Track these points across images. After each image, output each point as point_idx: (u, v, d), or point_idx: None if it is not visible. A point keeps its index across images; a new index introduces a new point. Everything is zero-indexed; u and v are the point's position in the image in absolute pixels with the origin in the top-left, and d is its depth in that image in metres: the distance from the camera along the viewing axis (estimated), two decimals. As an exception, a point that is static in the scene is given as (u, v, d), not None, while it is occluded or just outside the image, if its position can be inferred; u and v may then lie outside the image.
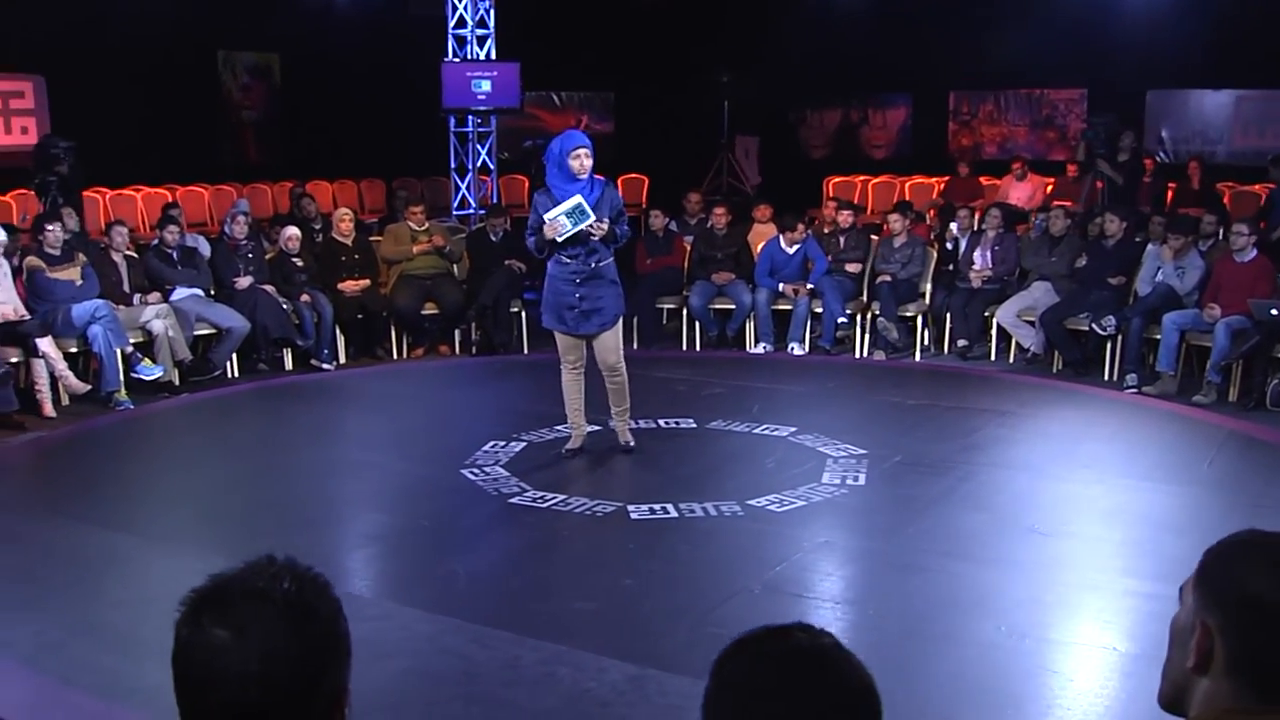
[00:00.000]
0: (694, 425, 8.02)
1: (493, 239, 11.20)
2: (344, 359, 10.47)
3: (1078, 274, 10.01)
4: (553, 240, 6.80)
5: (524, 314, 10.92)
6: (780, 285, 10.69)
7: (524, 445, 7.52)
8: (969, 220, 11.11)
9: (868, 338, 10.64)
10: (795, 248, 10.78)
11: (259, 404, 9.13)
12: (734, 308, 10.87)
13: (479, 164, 14.94)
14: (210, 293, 9.95)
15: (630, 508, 6.26)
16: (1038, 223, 10.97)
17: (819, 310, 10.62)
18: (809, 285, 10.64)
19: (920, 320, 10.62)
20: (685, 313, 11.05)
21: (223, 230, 10.68)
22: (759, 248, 11.06)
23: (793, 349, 10.61)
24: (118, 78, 12.70)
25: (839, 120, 18.13)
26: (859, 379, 9.73)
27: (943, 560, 5.58)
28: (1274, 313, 8.43)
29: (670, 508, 6.25)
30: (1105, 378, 9.51)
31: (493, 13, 14.53)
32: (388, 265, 10.92)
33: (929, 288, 10.71)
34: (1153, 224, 10.17)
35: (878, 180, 15.90)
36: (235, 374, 9.82)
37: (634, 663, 4.41)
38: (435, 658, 4.61)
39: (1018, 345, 10.23)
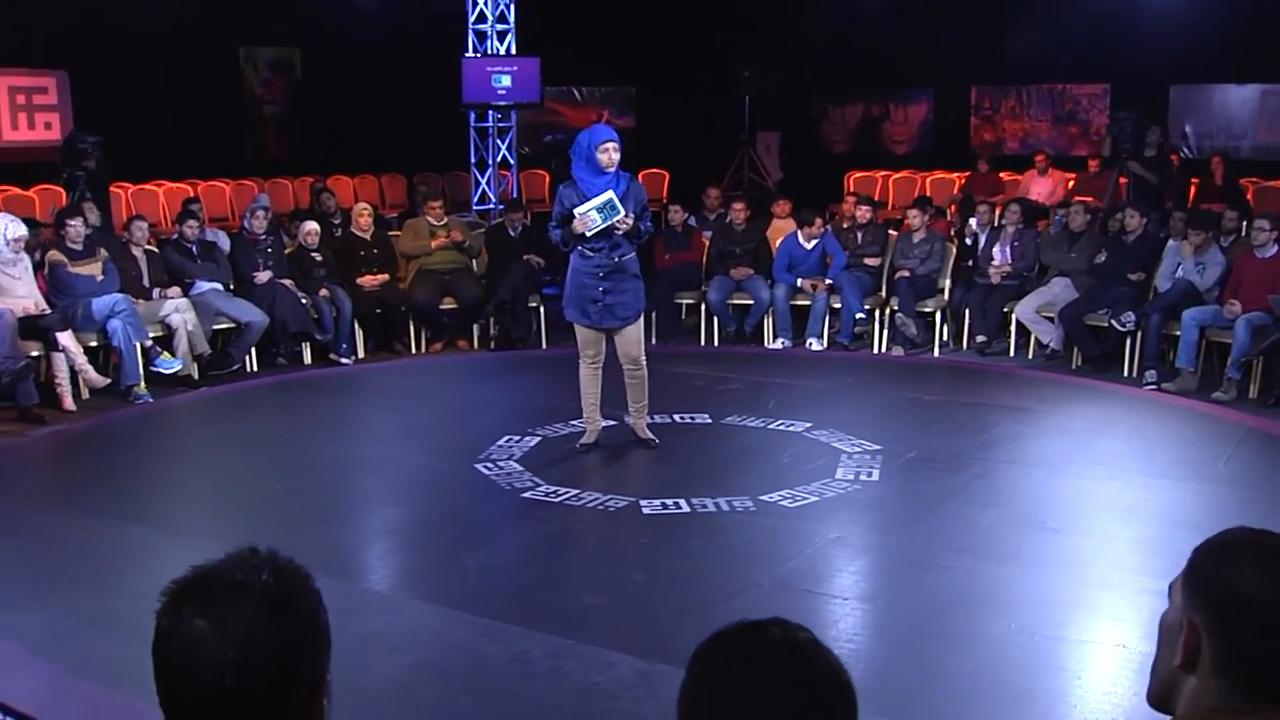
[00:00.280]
0: (709, 420, 8.02)
1: (511, 234, 11.21)
2: (362, 353, 10.50)
3: (1097, 270, 9.95)
4: (580, 234, 6.80)
5: (542, 309, 10.93)
6: (798, 281, 10.67)
7: (539, 440, 7.53)
8: (989, 216, 11.06)
9: (886, 333, 10.61)
10: (813, 243, 10.76)
11: (277, 398, 9.17)
12: (752, 303, 10.86)
13: (499, 159, 14.96)
14: (229, 287, 10.01)
15: (642, 502, 6.27)
16: (1057, 219, 10.91)
17: (837, 306, 10.60)
18: (827, 281, 10.61)
19: (939, 316, 10.58)
20: (703, 308, 11.04)
21: (242, 225, 10.73)
22: (778, 243, 11.04)
23: (811, 344, 10.59)
24: (140, 73, 12.78)
25: (860, 115, 18.06)
26: (876, 374, 9.70)
27: (955, 557, 5.57)
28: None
29: (683, 503, 6.25)
30: (1124, 374, 9.45)
31: (513, 8, 14.54)
32: (406, 260, 10.95)
33: (948, 283, 10.67)
34: (1174, 219, 10.10)
35: (898, 175, 15.86)
36: (254, 368, 9.86)
37: (642, 657, 4.41)
38: (444, 651, 4.63)
39: (1037, 341, 10.18)
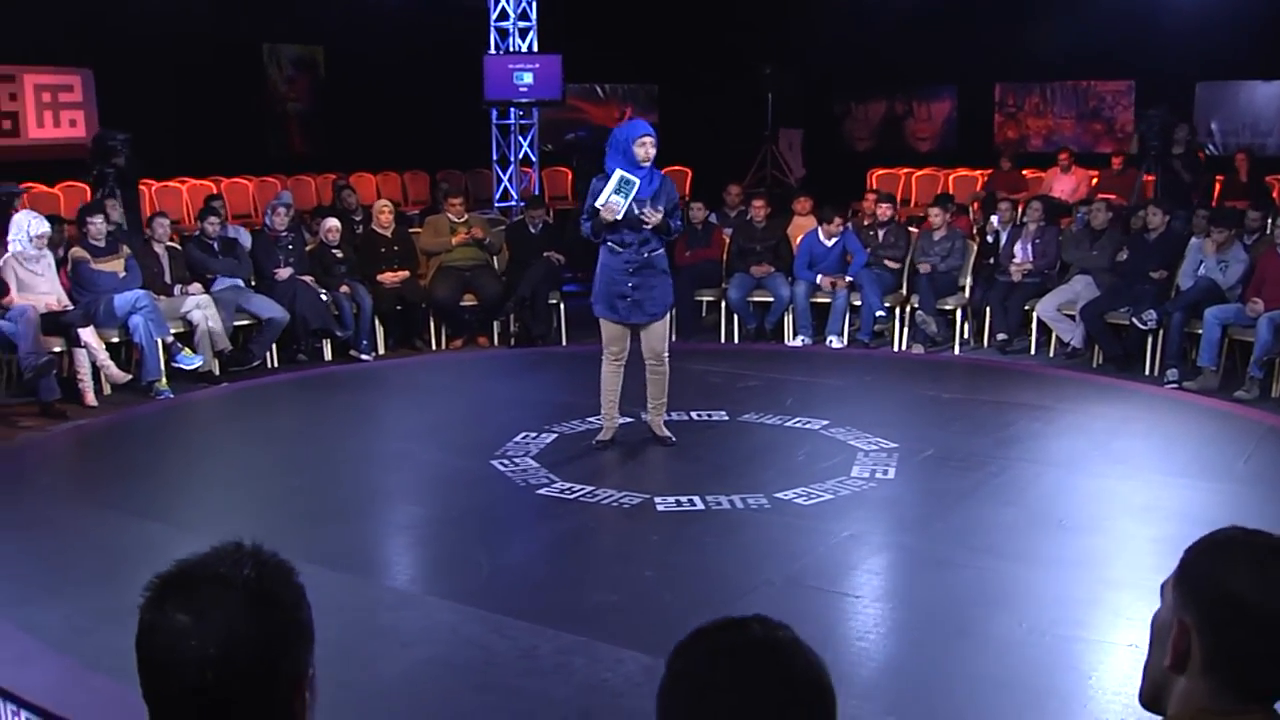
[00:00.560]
0: (726, 417, 8.01)
1: (532, 231, 11.23)
2: (383, 350, 10.54)
3: (1119, 268, 9.90)
4: (610, 223, 6.81)
5: (562, 306, 10.95)
6: (818, 278, 10.65)
7: (555, 437, 7.54)
8: (1010, 213, 11.01)
9: (906, 331, 10.58)
10: (834, 240, 10.73)
11: (297, 394, 9.21)
12: (772, 300, 10.84)
13: (521, 156, 14.99)
14: (251, 283, 10.06)
15: (657, 500, 6.27)
16: (1079, 216, 10.86)
17: (858, 303, 10.57)
18: (847, 278, 10.59)
19: (960, 314, 10.54)
20: (724, 305, 11.04)
21: (264, 222, 10.79)
22: (798, 240, 11.02)
23: (831, 342, 10.57)
24: (165, 71, 12.85)
25: (883, 112, 18.01)
26: (896, 373, 9.67)
27: (968, 555, 5.54)
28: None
29: (697, 500, 6.25)
30: (1146, 373, 9.39)
31: (535, 5, 14.56)
32: (427, 257, 10.99)
33: (969, 281, 10.63)
34: (1196, 217, 10.03)
35: (921, 173, 15.81)
36: (275, 364, 9.91)
37: (651, 654, 4.40)
38: (455, 647, 4.64)
39: (1058, 339, 10.14)
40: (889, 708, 4.24)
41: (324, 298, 10.08)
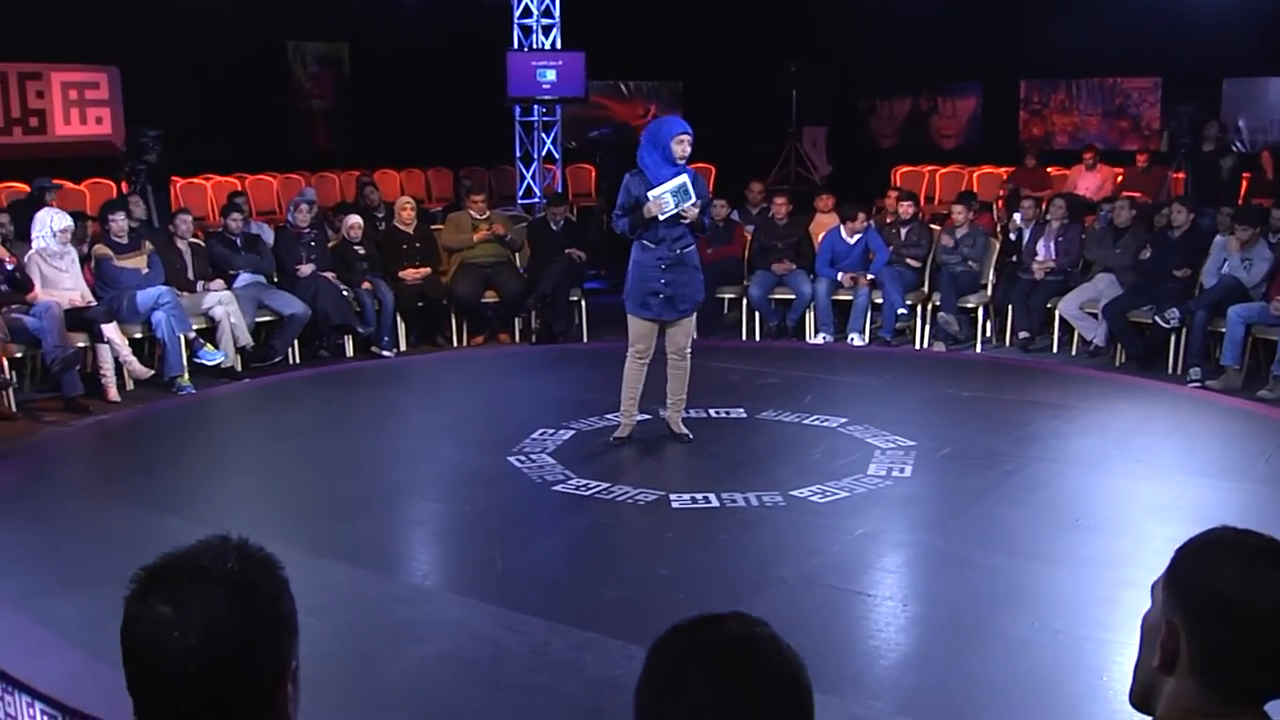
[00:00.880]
0: (744, 415, 8.00)
1: (553, 228, 11.24)
2: (404, 346, 10.59)
3: (1142, 266, 9.84)
4: (652, 219, 6.81)
5: (583, 302, 10.96)
6: (839, 275, 10.62)
7: (573, 433, 7.55)
8: (1033, 211, 10.96)
9: (928, 329, 10.54)
10: (856, 238, 10.70)
11: (318, 390, 9.25)
12: (794, 298, 10.82)
13: (544, 153, 15.02)
14: (273, 279, 10.11)
15: (672, 497, 6.27)
16: (1103, 214, 10.79)
17: (879, 301, 10.55)
18: (869, 276, 10.56)
19: (981, 312, 10.49)
20: (745, 303, 11.03)
21: (287, 218, 10.84)
22: (820, 238, 11.00)
23: (852, 340, 10.55)
24: (190, 69, 12.92)
25: (908, 109, 17.93)
26: (917, 370, 9.64)
27: (983, 554, 5.52)
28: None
29: (712, 497, 6.25)
30: (1169, 371, 9.33)
31: (558, 2, 14.58)
32: (448, 253, 11.01)
33: (991, 278, 10.58)
34: (1221, 215, 9.96)
35: (945, 170, 15.74)
36: (296, 360, 9.96)
37: (661, 651, 4.40)
38: (466, 642, 4.66)
39: (1080, 338, 10.09)
40: (901, 706, 4.23)
41: (346, 294, 10.12)
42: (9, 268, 8.54)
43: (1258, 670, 1.63)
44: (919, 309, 10.55)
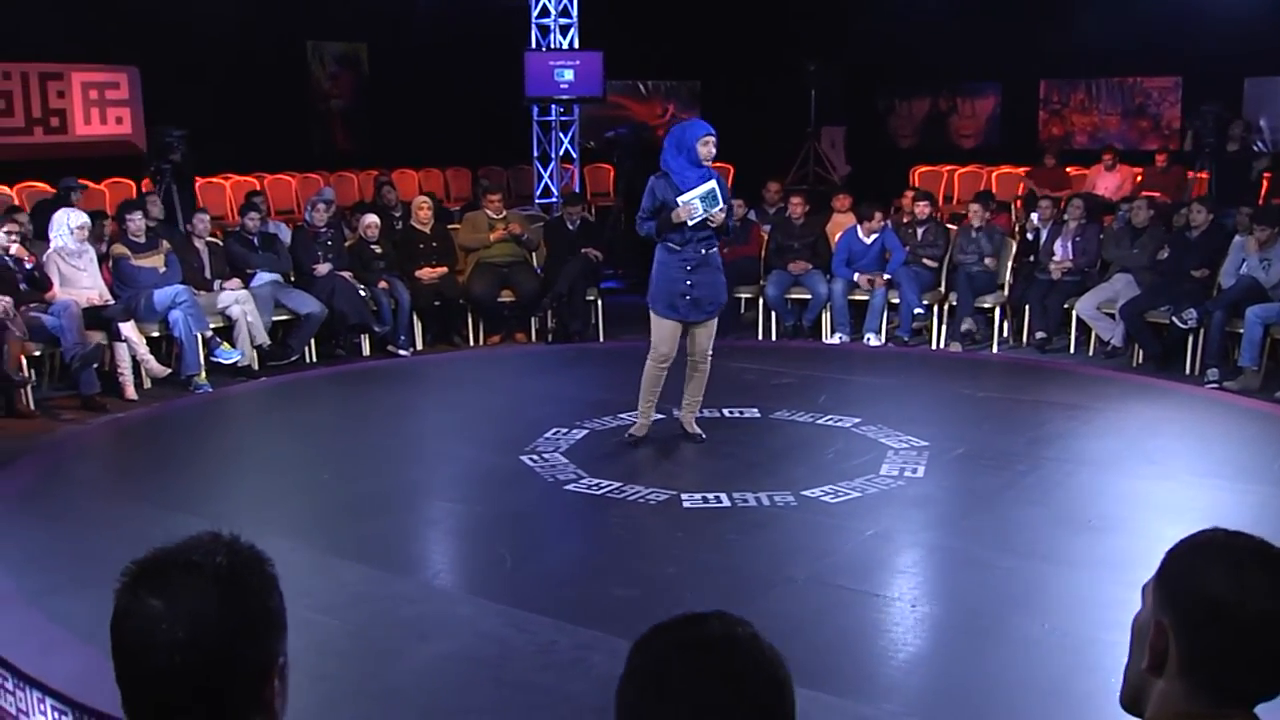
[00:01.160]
0: (758, 415, 7.99)
1: (569, 227, 11.26)
2: (421, 345, 10.62)
3: (1160, 266, 9.79)
4: (681, 224, 6.82)
5: (599, 302, 10.98)
6: (855, 276, 10.61)
7: (586, 433, 7.56)
8: (1051, 211, 10.93)
9: (944, 329, 10.52)
10: (873, 238, 10.68)
11: (335, 389, 9.27)
12: (810, 298, 10.81)
13: (561, 153, 15.04)
14: (290, 279, 10.15)
15: (684, 496, 6.27)
16: (1121, 214, 10.75)
17: (896, 301, 10.53)
18: (885, 276, 10.54)
19: (998, 312, 10.46)
20: (761, 302, 11.02)
21: (304, 217, 10.89)
22: (836, 238, 10.98)
23: (869, 340, 10.53)
24: (210, 69, 12.98)
25: (927, 109, 17.88)
26: (933, 371, 9.62)
27: (994, 555, 5.51)
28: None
29: (724, 497, 6.25)
30: (1186, 372, 9.29)
31: (576, 2, 14.60)
32: (465, 253, 11.04)
33: (1008, 278, 10.55)
34: (1240, 214, 9.90)
35: (964, 170, 15.69)
36: (313, 359, 10.00)
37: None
38: (474, 641, 4.67)
39: (1098, 338, 10.05)
40: (909, 706, 4.22)
41: (363, 293, 10.16)
42: (28, 266, 8.60)
43: (1246, 672, 1.63)
44: (935, 309, 10.53)
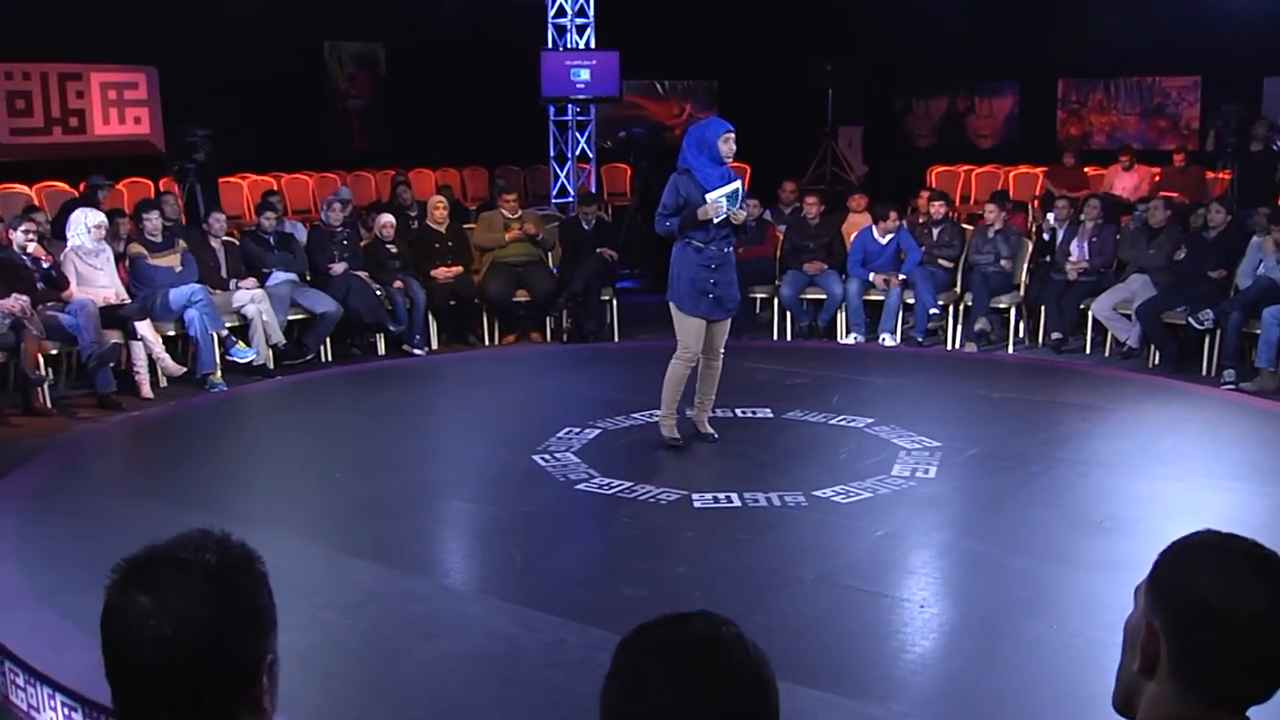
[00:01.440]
0: (771, 415, 7.98)
1: (585, 227, 11.27)
2: (436, 345, 10.65)
3: (1176, 266, 9.75)
4: (705, 221, 6.82)
5: (614, 302, 10.99)
6: (870, 276, 10.59)
7: (599, 432, 7.55)
8: (1067, 211, 10.89)
9: (959, 329, 10.49)
10: (888, 237, 10.66)
11: (349, 388, 9.29)
12: (825, 298, 10.79)
13: (578, 153, 15.05)
14: (306, 278, 10.19)
15: (694, 496, 6.27)
16: (1137, 214, 10.71)
17: (911, 301, 10.50)
18: (900, 276, 10.52)
19: (1014, 312, 10.43)
20: (777, 302, 11.01)
21: (320, 216, 10.94)
22: (852, 238, 10.97)
23: (884, 340, 10.51)
24: (228, 69, 13.03)
25: (945, 109, 17.85)
26: (948, 371, 9.59)
27: (1004, 555, 5.50)
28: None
29: (734, 497, 6.24)
30: (1203, 373, 9.25)
31: (592, 2, 14.62)
32: (480, 252, 11.06)
33: (1024, 278, 10.52)
34: (1257, 215, 9.86)
35: (981, 170, 15.65)
36: (328, 358, 10.04)
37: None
38: (482, 640, 4.68)
39: (1114, 339, 10.01)
40: (917, 707, 4.22)
41: (378, 293, 10.19)
42: (45, 265, 8.65)
43: (1238, 675, 1.62)
44: (950, 309, 10.51)
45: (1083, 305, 10.18)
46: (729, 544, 5.68)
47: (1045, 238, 10.77)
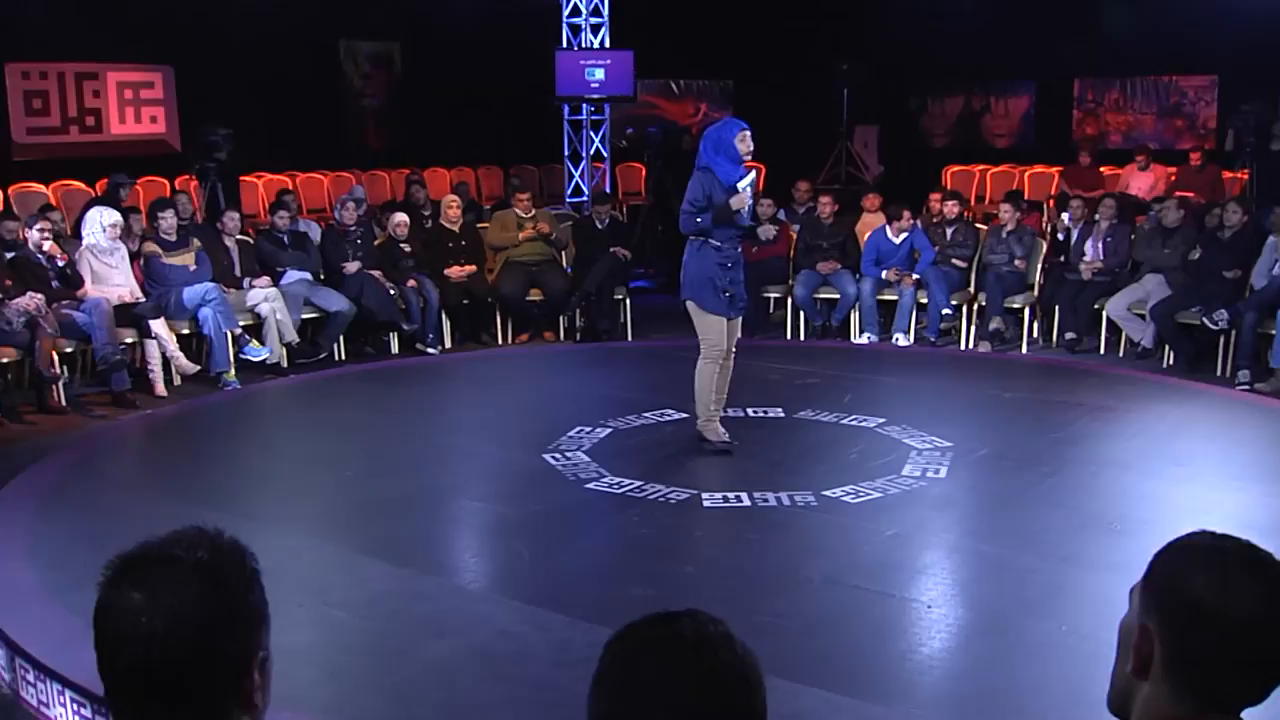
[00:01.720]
0: (782, 415, 7.97)
1: (598, 226, 11.29)
2: (449, 344, 10.66)
3: (1191, 266, 9.71)
4: (734, 214, 6.85)
5: (628, 301, 10.99)
6: (883, 272, 10.56)
7: (610, 432, 7.55)
8: (1082, 210, 10.85)
9: (973, 329, 10.47)
10: (902, 237, 10.65)
11: (362, 386, 9.30)
12: (839, 298, 10.78)
13: (592, 152, 15.06)
14: (319, 277, 10.22)
15: (704, 496, 6.27)
16: (1152, 214, 10.67)
17: (925, 301, 10.48)
18: (914, 275, 10.49)
19: (1028, 312, 10.40)
20: (790, 302, 11.00)
21: (333, 215, 10.97)
22: (865, 238, 10.95)
23: (897, 339, 10.49)
24: (244, 68, 13.07)
25: (960, 108, 17.79)
26: (960, 371, 9.58)
27: (1013, 556, 5.48)
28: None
29: (744, 496, 6.24)
30: (1217, 374, 9.21)
31: (607, 1, 14.62)
32: (494, 252, 11.08)
33: (1038, 278, 10.49)
34: (1274, 215, 9.81)
35: (997, 170, 15.60)
36: (342, 357, 10.06)
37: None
38: (489, 638, 4.68)
39: (1128, 339, 9.98)
40: (924, 707, 4.22)
41: (391, 292, 10.21)
42: (60, 264, 8.70)
43: (1231, 676, 1.62)
44: (964, 309, 10.48)
45: (1097, 305, 10.14)
46: (738, 544, 5.69)
47: (1060, 238, 10.73)
